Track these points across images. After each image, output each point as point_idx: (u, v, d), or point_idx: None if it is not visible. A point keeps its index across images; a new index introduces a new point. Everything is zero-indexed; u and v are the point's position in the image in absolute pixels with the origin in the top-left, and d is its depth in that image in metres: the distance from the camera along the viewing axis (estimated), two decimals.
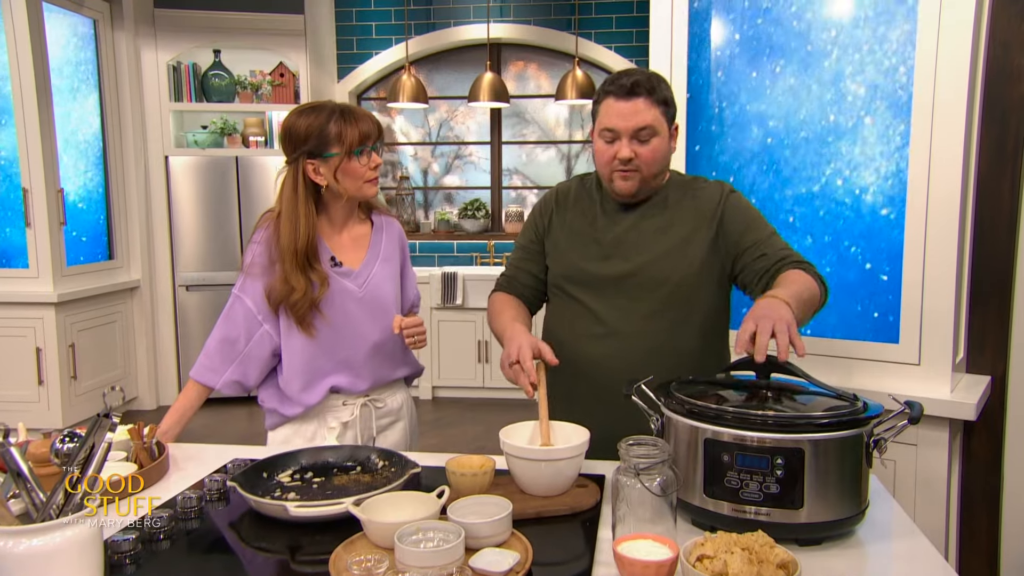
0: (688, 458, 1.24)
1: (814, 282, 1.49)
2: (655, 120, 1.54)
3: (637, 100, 1.53)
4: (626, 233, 1.64)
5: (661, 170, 1.62)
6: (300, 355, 1.68)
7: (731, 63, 2.26)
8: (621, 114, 1.53)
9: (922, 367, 2.04)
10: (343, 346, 1.70)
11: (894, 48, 2.00)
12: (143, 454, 1.48)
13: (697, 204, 1.64)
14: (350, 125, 1.60)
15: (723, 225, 1.62)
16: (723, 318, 1.72)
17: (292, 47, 5.09)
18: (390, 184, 5.95)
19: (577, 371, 1.63)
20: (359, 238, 1.77)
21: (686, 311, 1.62)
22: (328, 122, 1.59)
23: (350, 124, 1.60)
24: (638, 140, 1.55)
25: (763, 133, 2.21)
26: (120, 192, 4.87)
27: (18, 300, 4.19)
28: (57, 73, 4.32)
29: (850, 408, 1.20)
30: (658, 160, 1.58)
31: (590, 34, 5.43)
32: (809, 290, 1.45)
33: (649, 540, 1.09)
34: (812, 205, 2.16)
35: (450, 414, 4.93)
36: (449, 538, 1.10)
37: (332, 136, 1.59)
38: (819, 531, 1.18)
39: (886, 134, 2.03)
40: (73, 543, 0.96)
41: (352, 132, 1.60)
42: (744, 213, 1.63)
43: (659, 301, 1.61)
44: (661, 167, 1.61)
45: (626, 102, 1.53)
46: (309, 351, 1.68)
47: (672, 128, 1.60)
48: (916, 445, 2.04)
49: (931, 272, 1.99)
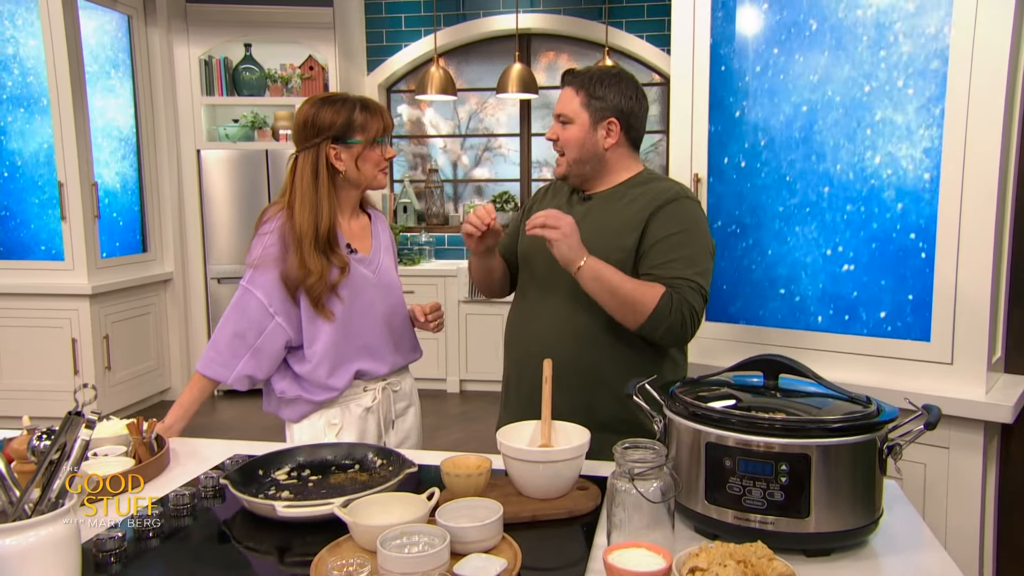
0: (690, 462, 1.19)
1: (655, 298, 1.52)
2: (573, 109, 1.67)
3: (565, 88, 1.70)
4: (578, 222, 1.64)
5: (583, 158, 1.69)
6: (325, 341, 1.69)
7: (759, 40, 2.18)
8: (557, 100, 1.72)
9: (955, 366, 1.94)
10: (364, 331, 1.74)
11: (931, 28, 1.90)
12: (142, 449, 1.47)
13: (642, 198, 1.67)
14: (373, 116, 1.72)
15: (648, 225, 1.64)
16: None
17: (321, 40, 5.09)
18: (419, 177, 5.93)
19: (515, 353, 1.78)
20: (364, 228, 1.83)
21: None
22: (354, 111, 1.70)
23: (373, 116, 1.72)
24: (560, 124, 1.70)
25: (788, 115, 2.12)
26: (153, 185, 4.94)
27: (54, 292, 4.27)
28: (92, 68, 4.39)
29: (862, 412, 1.13)
30: (573, 145, 1.68)
31: (621, 23, 5.32)
32: (634, 292, 1.53)
33: (643, 549, 1.04)
34: (841, 196, 2.06)
35: (477, 407, 4.91)
36: (434, 543, 1.06)
37: (358, 125, 1.69)
38: (827, 542, 1.12)
39: (916, 124, 1.93)
40: (47, 542, 0.94)
41: (375, 123, 1.71)
42: (673, 224, 1.62)
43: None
44: (580, 154, 1.68)
45: (561, 90, 1.72)
46: (334, 336, 1.70)
47: (601, 121, 1.67)
48: (948, 448, 1.94)
49: (965, 267, 1.89)
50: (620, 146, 1.69)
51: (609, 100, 1.66)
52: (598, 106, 1.66)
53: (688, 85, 2.32)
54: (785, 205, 2.16)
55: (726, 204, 2.28)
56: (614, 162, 1.70)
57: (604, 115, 1.66)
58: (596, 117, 1.66)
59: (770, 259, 2.20)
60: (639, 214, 1.63)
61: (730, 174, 2.27)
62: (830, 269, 2.10)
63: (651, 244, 1.61)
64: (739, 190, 2.25)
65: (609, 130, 1.67)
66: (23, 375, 4.33)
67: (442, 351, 5.21)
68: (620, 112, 1.67)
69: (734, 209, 2.26)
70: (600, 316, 1.61)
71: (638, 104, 1.69)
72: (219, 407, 4.87)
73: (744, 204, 2.24)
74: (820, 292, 2.13)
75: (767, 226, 2.20)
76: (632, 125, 1.69)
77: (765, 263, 2.21)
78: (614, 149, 1.69)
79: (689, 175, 2.32)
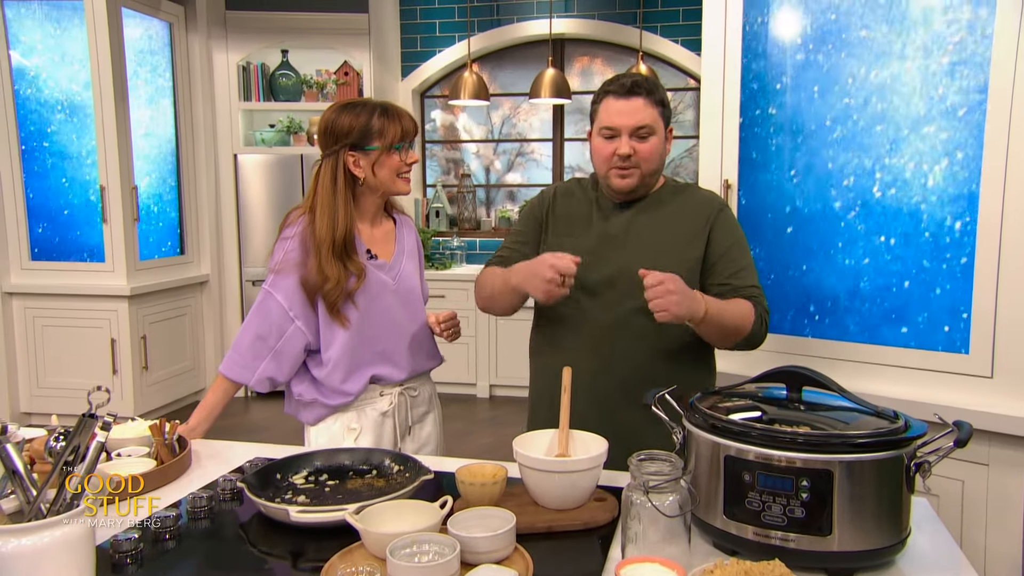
0: (709, 476, 1.16)
1: (750, 315, 1.56)
2: (653, 119, 1.60)
3: (637, 99, 1.59)
4: (621, 230, 1.67)
5: (657, 169, 1.66)
6: (340, 346, 1.70)
7: (792, 45, 2.13)
8: (621, 112, 1.59)
9: (995, 380, 1.87)
10: (382, 337, 1.75)
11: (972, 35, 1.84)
12: (164, 451, 1.48)
13: (691, 206, 1.68)
14: (392, 121, 1.69)
15: (712, 234, 1.65)
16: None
17: (356, 46, 5.14)
18: (452, 181, 5.95)
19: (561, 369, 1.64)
20: (387, 233, 1.83)
21: None
22: (372, 117, 1.68)
23: (392, 121, 1.69)
24: (637, 137, 1.61)
25: (822, 122, 2.07)
26: (191, 189, 5.03)
27: (95, 293, 4.37)
28: (134, 74, 4.49)
29: (888, 427, 1.09)
30: (655, 158, 1.63)
31: (655, 28, 5.28)
32: (737, 316, 1.54)
33: (656, 564, 1.01)
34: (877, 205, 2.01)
35: (506, 412, 4.90)
36: (444, 552, 1.05)
37: (375, 130, 1.68)
38: (851, 561, 1.08)
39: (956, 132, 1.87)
40: (62, 543, 0.95)
41: (394, 128, 1.69)
42: (732, 233, 1.66)
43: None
44: (657, 165, 1.65)
45: (626, 101, 1.60)
46: (350, 342, 1.71)
47: (667, 130, 1.65)
48: (988, 465, 1.87)
49: (1006, 278, 1.83)
50: None
51: (669, 107, 1.66)
52: (667, 115, 1.66)
53: (719, 91, 2.28)
54: (818, 214, 2.11)
55: (756, 212, 2.24)
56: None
57: (668, 123, 1.66)
58: (666, 126, 1.65)
59: (802, 268, 2.15)
60: (696, 224, 1.65)
61: (760, 181, 2.22)
62: (865, 278, 2.05)
63: (719, 255, 1.63)
64: (770, 198, 2.20)
65: (669, 137, 1.68)
66: (63, 374, 4.44)
67: (472, 356, 5.21)
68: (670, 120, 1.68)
69: (765, 217, 2.21)
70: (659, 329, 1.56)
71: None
72: (251, 408, 4.93)
73: (775, 213, 2.19)
74: (854, 302, 2.07)
75: (799, 233, 2.15)
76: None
77: (797, 272, 2.16)
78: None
79: (720, 181, 2.28)
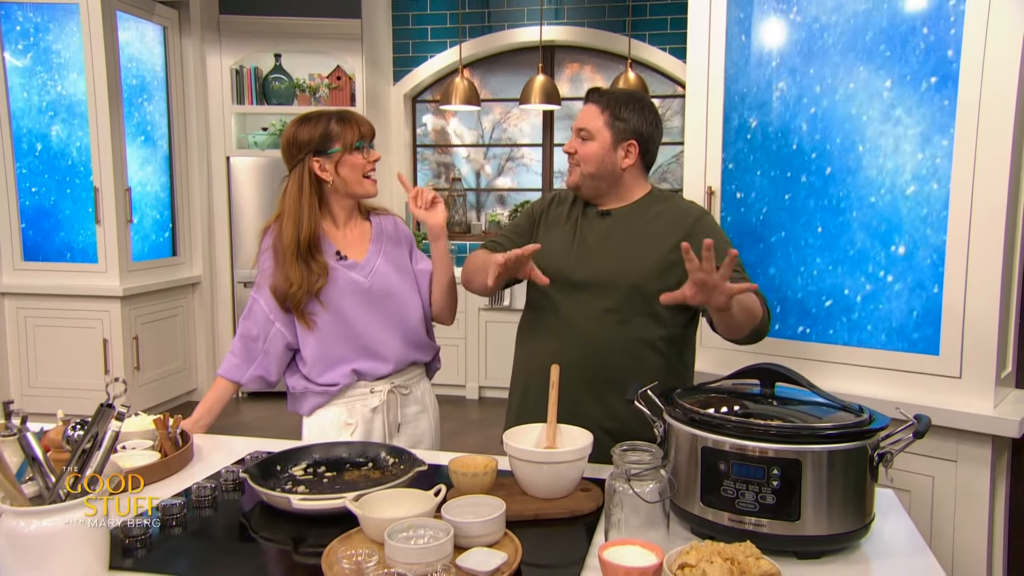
0: (688, 466, 1.23)
1: (759, 306, 1.62)
2: (595, 126, 1.74)
3: (590, 105, 1.78)
4: (599, 236, 1.78)
5: (598, 173, 1.76)
6: (312, 345, 1.80)
7: (774, 53, 2.22)
8: (579, 115, 1.79)
9: (963, 380, 1.96)
10: (360, 334, 1.81)
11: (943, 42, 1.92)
12: (168, 444, 1.54)
13: (670, 214, 1.77)
14: (348, 125, 1.80)
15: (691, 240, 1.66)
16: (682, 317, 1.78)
17: (349, 51, 5.21)
18: (443, 185, 6.02)
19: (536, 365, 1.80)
20: (362, 234, 1.90)
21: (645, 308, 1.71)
22: (329, 124, 1.80)
23: (349, 124, 1.81)
24: (580, 139, 1.76)
25: (799, 127, 2.16)
26: (184, 191, 5.07)
27: (87, 293, 4.40)
28: (128, 77, 4.53)
29: (853, 420, 1.17)
30: (592, 160, 1.75)
31: (644, 36, 5.37)
32: (753, 308, 1.59)
33: (637, 547, 1.08)
34: (852, 209, 2.09)
35: (495, 414, 4.96)
36: (438, 536, 1.12)
37: (334, 134, 1.79)
38: (818, 544, 1.16)
39: (927, 137, 1.96)
40: (78, 525, 1.02)
41: (351, 130, 1.80)
42: (716, 236, 1.70)
43: (617, 299, 1.71)
44: (596, 169, 1.76)
45: (584, 106, 1.80)
46: (322, 340, 1.79)
47: (625, 143, 1.75)
48: (956, 461, 1.96)
49: (974, 281, 1.91)
50: (635, 167, 1.80)
51: (632, 123, 1.75)
52: (621, 127, 1.75)
53: (703, 98, 2.36)
54: (796, 217, 2.20)
55: (738, 216, 2.32)
56: (628, 181, 1.80)
57: (625, 136, 1.75)
58: (618, 137, 1.75)
59: (780, 271, 2.24)
60: (673, 229, 1.73)
61: (743, 187, 2.30)
62: (840, 281, 2.13)
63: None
64: (751, 203, 2.29)
65: (628, 151, 1.76)
66: (56, 373, 4.47)
67: (462, 358, 5.28)
68: (640, 136, 1.76)
69: (746, 221, 2.30)
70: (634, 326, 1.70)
71: (656, 130, 1.80)
72: (243, 408, 4.98)
73: (756, 216, 2.28)
74: (829, 304, 2.16)
75: (778, 238, 2.24)
76: (648, 149, 1.80)
77: (776, 275, 2.25)
78: (630, 169, 1.79)
79: (703, 188, 2.36)
